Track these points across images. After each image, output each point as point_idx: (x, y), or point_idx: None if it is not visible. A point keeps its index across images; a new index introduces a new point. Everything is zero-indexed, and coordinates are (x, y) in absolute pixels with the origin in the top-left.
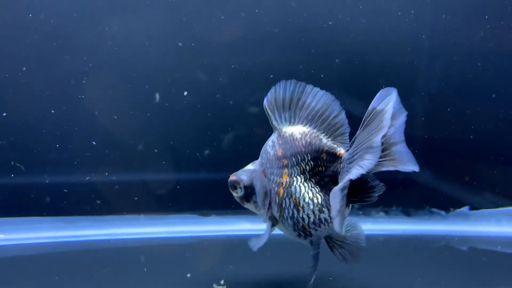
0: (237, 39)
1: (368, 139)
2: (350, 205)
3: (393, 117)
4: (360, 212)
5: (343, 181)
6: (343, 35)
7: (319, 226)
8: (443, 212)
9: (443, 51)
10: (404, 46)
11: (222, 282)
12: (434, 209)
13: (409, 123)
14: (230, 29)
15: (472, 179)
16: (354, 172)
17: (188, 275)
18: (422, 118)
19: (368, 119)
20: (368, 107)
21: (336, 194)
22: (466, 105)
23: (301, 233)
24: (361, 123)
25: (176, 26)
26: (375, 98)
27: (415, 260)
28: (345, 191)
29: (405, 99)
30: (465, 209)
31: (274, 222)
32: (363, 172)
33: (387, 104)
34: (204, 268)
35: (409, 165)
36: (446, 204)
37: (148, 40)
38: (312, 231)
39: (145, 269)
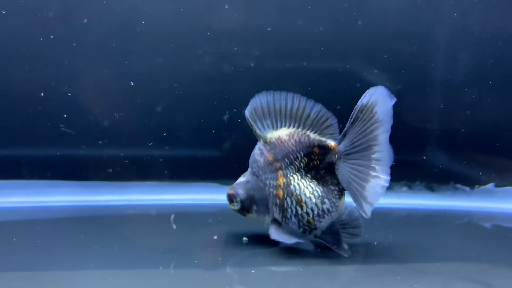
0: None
1: (367, 135)
2: (344, 197)
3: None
4: None
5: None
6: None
7: (323, 217)
8: (467, 189)
9: (472, 37)
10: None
11: (245, 239)
12: (458, 185)
13: (441, 102)
14: None
15: (498, 157)
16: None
17: (215, 237)
18: (454, 97)
19: (356, 112)
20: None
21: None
22: (495, 86)
23: (306, 228)
24: (350, 117)
25: None
26: (363, 95)
27: (437, 234)
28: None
29: (433, 80)
30: (490, 186)
31: (277, 225)
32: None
33: (372, 97)
34: (229, 231)
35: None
36: (471, 181)
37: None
38: (317, 224)
39: (171, 232)
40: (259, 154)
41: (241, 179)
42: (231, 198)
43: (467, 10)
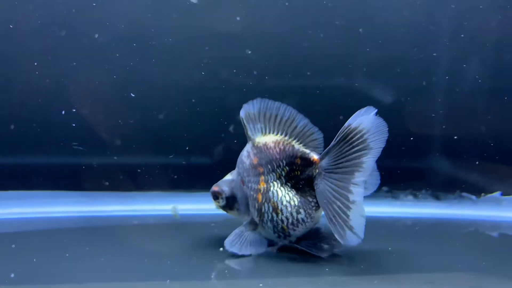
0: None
1: (352, 159)
2: (320, 209)
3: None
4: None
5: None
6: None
7: (297, 226)
8: (473, 197)
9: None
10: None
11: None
12: (464, 194)
13: (449, 109)
14: None
15: (504, 165)
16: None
17: (221, 249)
18: (461, 104)
19: (344, 133)
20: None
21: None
22: (502, 92)
23: (281, 234)
24: (336, 136)
25: None
26: (354, 115)
27: (444, 243)
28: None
29: (438, 87)
30: (496, 194)
31: (254, 226)
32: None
33: (364, 123)
34: None
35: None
36: (477, 189)
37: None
38: (291, 232)
39: (177, 243)
40: (246, 156)
41: (228, 177)
42: (216, 195)
43: (471, 14)
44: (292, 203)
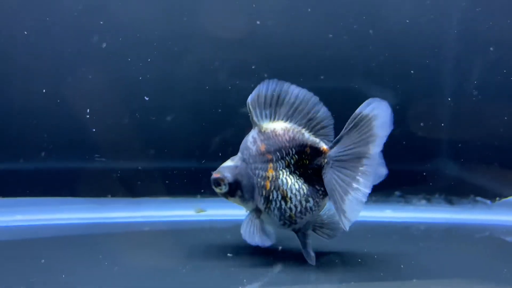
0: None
1: (359, 146)
2: (327, 197)
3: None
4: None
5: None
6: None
7: (305, 215)
8: (488, 201)
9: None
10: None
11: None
12: (478, 198)
13: (464, 112)
14: None
15: None
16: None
17: (229, 254)
18: (472, 107)
19: (354, 121)
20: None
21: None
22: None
23: (287, 222)
24: (347, 125)
25: None
26: (363, 104)
27: (459, 249)
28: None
29: (451, 91)
30: (511, 198)
31: (258, 213)
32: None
33: (374, 110)
34: (244, 248)
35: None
36: (491, 193)
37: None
38: (298, 220)
39: (190, 250)
40: (252, 142)
41: (229, 163)
42: (217, 181)
43: (477, 18)
44: (301, 191)
